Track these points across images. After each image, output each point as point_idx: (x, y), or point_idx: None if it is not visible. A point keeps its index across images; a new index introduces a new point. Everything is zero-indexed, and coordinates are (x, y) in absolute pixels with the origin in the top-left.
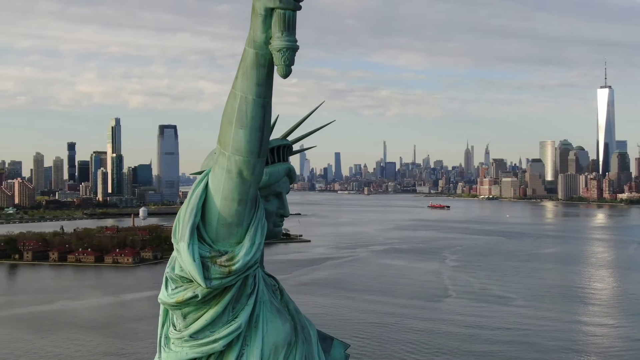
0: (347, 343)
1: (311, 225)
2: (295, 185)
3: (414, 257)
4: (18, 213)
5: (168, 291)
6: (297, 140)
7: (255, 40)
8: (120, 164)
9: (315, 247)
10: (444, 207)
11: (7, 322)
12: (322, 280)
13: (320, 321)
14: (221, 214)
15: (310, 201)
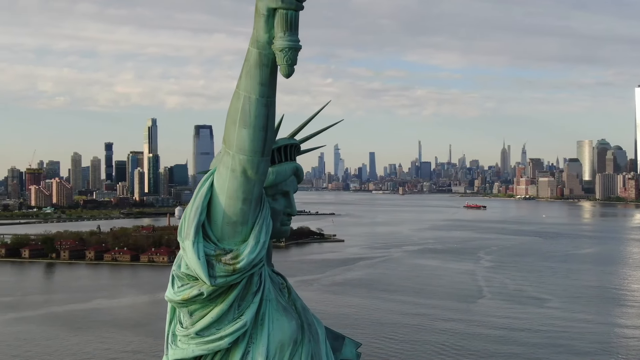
0: (359, 342)
1: (345, 225)
2: (329, 185)
3: (449, 258)
4: (56, 212)
5: (174, 289)
6: (305, 140)
7: (258, 40)
8: (157, 164)
9: (349, 247)
10: (480, 207)
11: (44, 319)
12: (355, 280)
13: (352, 321)
14: (226, 213)
15: (344, 201)
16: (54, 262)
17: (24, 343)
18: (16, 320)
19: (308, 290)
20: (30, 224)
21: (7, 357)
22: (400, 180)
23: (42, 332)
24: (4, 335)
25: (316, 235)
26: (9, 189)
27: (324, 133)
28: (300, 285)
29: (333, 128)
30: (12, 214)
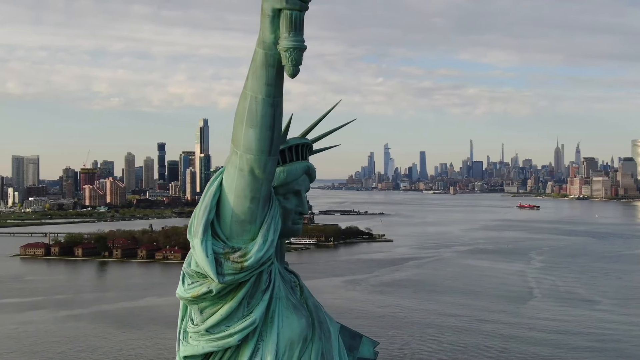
0: (377, 341)
1: (394, 225)
2: (379, 185)
3: (499, 258)
4: (109, 212)
5: (184, 286)
6: (317, 139)
7: (264, 41)
8: (208, 164)
9: (398, 246)
10: (534, 207)
11: (95, 317)
12: (403, 281)
13: (396, 322)
14: (234, 211)
15: (394, 201)
16: (106, 261)
17: (74, 339)
18: (68, 317)
19: (355, 290)
20: (84, 223)
21: (53, 354)
22: (451, 179)
23: (92, 330)
24: (55, 332)
25: (365, 235)
26: (64, 188)
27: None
28: (347, 285)
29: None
30: (67, 213)
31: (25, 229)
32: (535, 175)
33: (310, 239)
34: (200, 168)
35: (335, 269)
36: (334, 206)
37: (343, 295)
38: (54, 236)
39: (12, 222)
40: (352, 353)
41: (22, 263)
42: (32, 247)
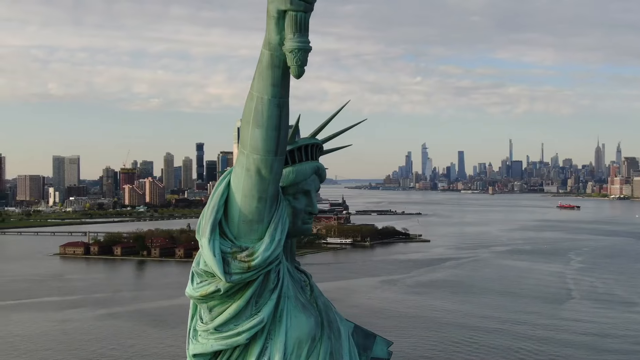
0: (390, 340)
1: (431, 225)
2: (417, 185)
3: (537, 259)
4: (148, 211)
5: (193, 285)
6: (327, 140)
7: (270, 42)
8: None
9: (435, 247)
10: (574, 207)
11: (133, 315)
12: (440, 281)
13: (431, 323)
14: (242, 211)
15: (431, 201)
16: (144, 260)
17: (110, 337)
18: (106, 315)
19: (391, 290)
20: (123, 222)
21: (89, 352)
22: (490, 179)
23: (129, 328)
24: (92, 330)
25: (401, 235)
26: (104, 188)
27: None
28: (382, 286)
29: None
30: (107, 212)
31: (66, 228)
32: (576, 175)
33: (346, 238)
34: None
35: (371, 269)
36: (370, 206)
37: (378, 296)
38: (93, 235)
39: (53, 221)
40: (365, 353)
41: (62, 262)
42: (71, 246)
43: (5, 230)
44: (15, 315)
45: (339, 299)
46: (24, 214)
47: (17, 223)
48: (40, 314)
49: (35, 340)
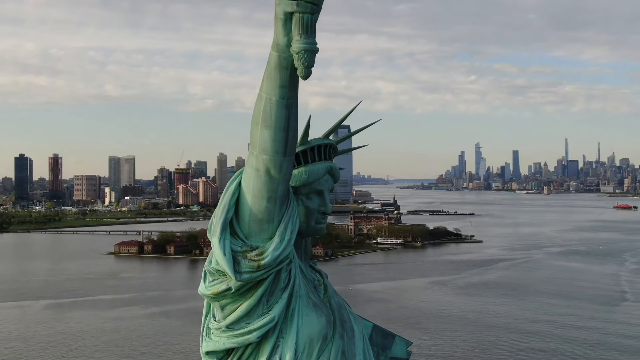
0: (410, 341)
1: (484, 226)
2: (470, 185)
3: (592, 260)
4: (202, 211)
5: (206, 283)
6: (342, 140)
7: (277, 44)
8: None
9: (488, 247)
10: (631, 208)
11: (184, 313)
12: (491, 282)
13: (478, 325)
14: (252, 211)
15: (485, 201)
16: (197, 259)
17: (159, 335)
18: (157, 314)
19: (441, 291)
20: (177, 221)
21: (136, 349)
22: (545, 179)
23: (179, 326)
24: (143, 327)
25: (453, 236)
26: (159, 188)
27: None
28: (433, 286)
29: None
30: (161, 212)
31: (121, 227)
32: (633, 175)
33: (397, 239)
34: None
35: (421, 269)
36: (422, 206)
37: (428, 296)
38: (147, 235)
39: (108, 220)
40: (384, 352)
41: (116, 261)
42: (126, 245)
43: (61, 230)
44: (70, 312)
45: (388, 300)
46: (80, 213)
47: (73, 222)
48: (93, 312)
49: (87, 337)
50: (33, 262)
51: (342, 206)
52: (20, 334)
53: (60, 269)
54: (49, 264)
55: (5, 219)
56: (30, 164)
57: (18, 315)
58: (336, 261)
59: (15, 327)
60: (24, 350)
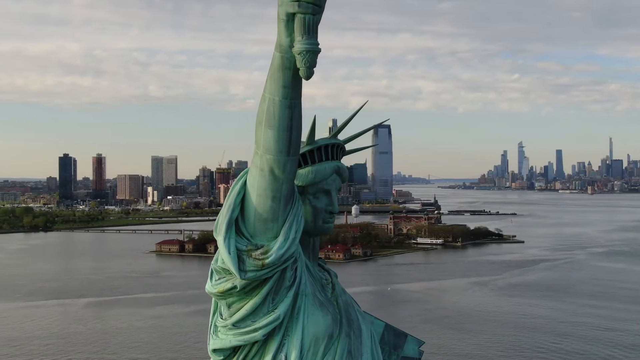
0: (422, 340)
1: (526, 226)
2: (513, 185)
3: (636, 261)
4: None
5: (212, 282)
6: (350, 140)
7: (280, 45)
8: None
9: (529, 248)
10: None
11: None
12: (532, 283)
13: (521, 327)
14: (257, 210)
15: (528, 201)
16: None
17: (197, 333)
18: (196, 312)
19: (481, 291)
20: None
21: (172, 346)
22: (589, 179)
23: None
24: (181, 325)
25: (494, 236)
26: (200, 187)
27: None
28: (473, 287)
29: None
30: (202, 211)
31: (163, 226)
32: None
33: (437, 239)
34: None
35: (461, 270)
36: (464, 206)
37: (467, 297)
38: (188, 233)
39: (151, 220)
40: (396, 352)
41: (158, 259)
42: (167, 244)
43: (104, 229)
44: (110, 310)
45: (426, 300)
46: (123, 212)
47: (116, 222)
48: (133, 310)
49: (125, 334)
50: (76, 261)
51: (382, 206)
52: (60, 331)
53: (102, 267)
54: (92, 263)
55: (50, 218)
56: (74, 163)
57: (59, 313)
58: (375, 261)
59: (56, 325)
60: (63, 346)
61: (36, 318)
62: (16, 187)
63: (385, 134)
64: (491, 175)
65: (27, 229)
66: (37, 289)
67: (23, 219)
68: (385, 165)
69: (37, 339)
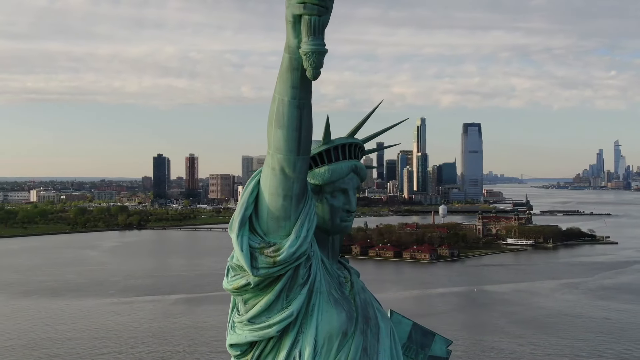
0: (450, 340)
1: (621, 227)
2: (608, 184)
3: None
4: None
5: (228, 278)
6: (369, 139)
7: (289, 46)
8: (425, 162)
9: (623, 249)
10: None
11: None
12: (625, 285)
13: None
14: (269, 209)
15: (623, 201)
16: None
17: None
18: None
19: (571, 293)
20: None
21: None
22: None
23: None
24: None
25: (587, 237)
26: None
27: None
28: (563, 289)
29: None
30: None
31: None
32: None
33: (527, 240)
34: (417, 167)
35: (552, 271)
36: (557, 206)
37: (557, 299)
38: None
39: None
40: (423, 351)
41: None
42: None
43: (196, 227)
44: (199, 307)
45: (514, 302)
46: (215, 211)
47: (207, 220)
48: (221, 307)
49: (212, 329)
50: (168, 258)
51: (471, 206)
52: (151, 327)
53: (193, 264)
54: (183, 260)
55: (144, 217)
56: (168, 163)
57: (149, 309)
58: (462, 262)
59: (146, 320)
60: (145, 339)
61: (126, 314)
62: (112, 186)
63: (475, 133)
64: (586, 175)
65: (122, 227)
66: (130, 285)
67: (118, 218)
68: (475, 164)
69: (125, 332)
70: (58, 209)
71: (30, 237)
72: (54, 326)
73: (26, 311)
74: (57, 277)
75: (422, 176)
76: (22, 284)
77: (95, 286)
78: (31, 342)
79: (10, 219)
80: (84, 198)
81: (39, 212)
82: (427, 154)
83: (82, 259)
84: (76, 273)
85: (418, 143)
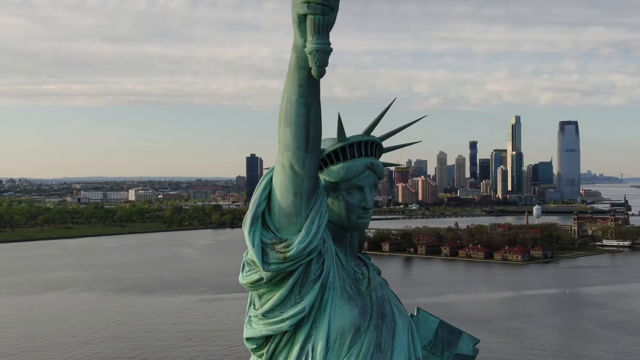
0: (477, 338)
1: None
2: None
3: None
4: (420, 209)
5: (243, 273)
6: (386, 137)
7: (295, 45)
8: (520, 162)
9: None
10: None
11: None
12: None
13: None
14: (281, 205)
15: None
16: (411, 257)
17: None
18: None
19: None
20: (395, 219)
21: None
22: None
23: None
24: None
25: None
26: (379, 186)
27: None
28: None
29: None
30: (380, 209)
31: None
32: None
33: (624, 241)
34: (511, 166)
35: None
36: None
37: None
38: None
39: None
40: (449, 348)
41: None
42: None
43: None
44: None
45: (607, 304)
46: None
47: None
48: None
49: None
50: None
51: (567, 206)
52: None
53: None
54: None
55: (237, 215)
56: (260, 163)
57: (235, 306)
58: (556, 263)
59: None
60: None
61: (215, 309)
62: (208, 185)
63: (572, 131)
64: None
65: (215, 225)
66: (221, 283)
67: (212, 216)
68: (572, 163)
69: (212, 325)
70: (155, 208)
71: (127, 235)
72: (141, 320)
73: (115, 307)
74: (151, 274)
75: (517, 176)
76: (117, 281)
77: (188, 283)
78: (116, 335)
79: (109, 218)
80: (180, 197)
81: (137, 211)
82: (522, 152)
83: (176, 257)
84: (170, 270)
85: (513, 142)
